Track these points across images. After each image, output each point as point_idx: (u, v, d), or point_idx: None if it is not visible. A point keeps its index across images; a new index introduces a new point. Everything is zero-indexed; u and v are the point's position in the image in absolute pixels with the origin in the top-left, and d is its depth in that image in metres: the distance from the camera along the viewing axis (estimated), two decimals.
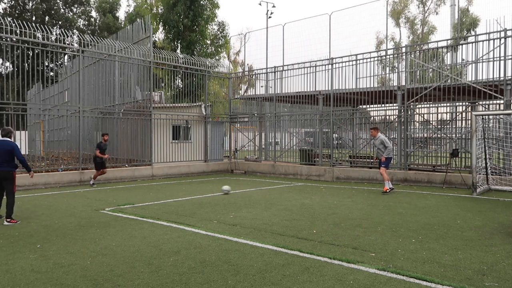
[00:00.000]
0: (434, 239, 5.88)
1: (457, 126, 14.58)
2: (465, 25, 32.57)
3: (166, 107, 17.23)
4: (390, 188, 11.07)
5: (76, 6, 50.00)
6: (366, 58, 14.85)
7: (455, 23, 29.97)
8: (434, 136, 15.06)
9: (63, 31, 14.05)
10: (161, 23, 30.95)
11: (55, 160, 16.16)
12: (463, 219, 7.36)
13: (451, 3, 32.54)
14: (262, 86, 19.52)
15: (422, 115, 14.53)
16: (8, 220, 7.24)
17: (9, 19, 13.11)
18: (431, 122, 14.51)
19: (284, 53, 22.04)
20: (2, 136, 7.55)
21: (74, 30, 45.80)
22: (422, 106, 15.23)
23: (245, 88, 37.71)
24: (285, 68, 17.55)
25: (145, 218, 7.54)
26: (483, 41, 12.41)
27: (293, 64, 17.19)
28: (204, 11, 29.59)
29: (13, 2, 44.66)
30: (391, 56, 17.94)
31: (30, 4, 46.26)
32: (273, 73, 17.81)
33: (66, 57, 26.25)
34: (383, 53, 21.36)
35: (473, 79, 12.78)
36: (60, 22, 46.65)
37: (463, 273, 4.40)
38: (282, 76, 17.42)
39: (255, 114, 19.56)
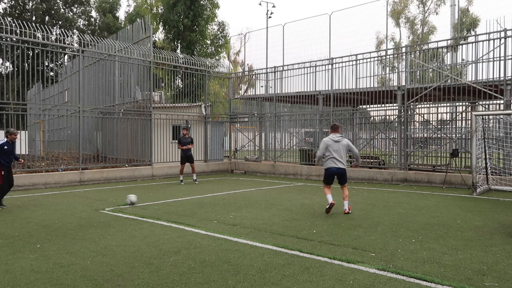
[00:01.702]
0: (434, 239, 5.88)
1: (457, 126, 14.58)
2: (465, 25, 32.57)
3: (166, 107, 17.23)
4: (330, 204, 7.73)
5: (76, 6, 50.00)
6: (366, 58, 14.85)
7: (455, 23, 29.97)
8: (434, 136, 15.06)
9: (63, 31, 14.05)
10: (161, 23, 30.94)
11: (55, 160, 16.16)
12: (463, 219, 7.36)
13: (451, 3, 32.54)
14: (262, 86, 19.52)
15: (422, 115, 14.54)
16: None
17: (9, 19, 13.11)
18: (431, 122, 14.51)
19: (284, 53, 22.04)
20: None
21: (74, 30, 45.81)
22: (422, 106, 15.24)
23: (245, 88, 37.72)
24: (285, 68, 17.55)
25: (145, 218, 7.54)
26: (483, 41, 12.41)
27: (293, 64, 17.19)
28: (204, 11, 29.58)
29: (13, 2, 44.66)
30: (391, 56, 17.94)
31: (30, 4, 46.25)
32: (273, 73, 17.81)
33: (66, 57, 26.26)
34: (383, 53, 21.36)
35: (473, 79, 12.78)
36: (60, 22, 46.66)
37: (463, 273, 4.40)
38: (282, 76, 17.42)
39: (255, 114, 19.57)
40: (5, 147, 8.72)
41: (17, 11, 44.61)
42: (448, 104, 15.07)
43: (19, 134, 9.13)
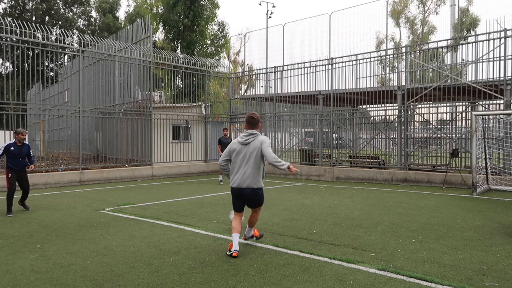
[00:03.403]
0: (434, 239, 5.88)
1: (457, 126, 14.59)
2: (465, 25, 32.58)
3: (166, 107, 17.23)
4: (232, 253, 5.02)
5: (76, 6, 49.99)
6: (366, 58, 14.85)
7: (455, 23, 29.98)
8: (434, 136, 15.06)
9: (63, 31, 14.05)
10: (161, 23, 30.94)
11: (55, 160, 16.16)
12: (463, 219, 7.36)
13: (451, 3, 32.55)
14: (262, 86, 19.53)
15: (422, 115, 14.54)
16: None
17: (9, 19, 13.11)
18: (431, 122, 14.51)
19: (284, 53, 22.05)
20: None
21: (74, 30, 45.80)
22: (422, 106, 15.23)
23: (245, 88, 37.70)
24: (285, 68, 17.55)
25: (145, 218, 7.54)
26: (483, 41, 12.42)
27: (293, 64, 17.19)
28: (204, 11, 29.58)
29: (13, 2, 44.65)
30: (391, 56, 17.94)
31: (30, 4, 46.24)
32: (273, 73, 17.81)
33: (66, 57, 26.26)
34: (383, 53, 21.36)
35: (473, 79, 12.78)
36: (60, 22, 46.64)
37: (463, 273, 4.40)
38: (282, 76, 17.42)
39: None
40: (12, 148, 8.02)
41: (17, 11, 44.60)
42: (448, 104, 15.06)
43: (27, 134, 8.60)
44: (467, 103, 14.99)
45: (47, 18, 46.46)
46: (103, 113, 16.35)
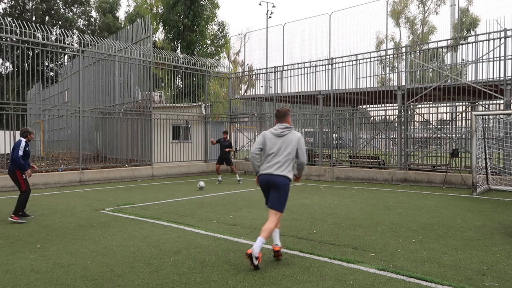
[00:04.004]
0: (434, 239, 5.88)
1: (457, 126, 14.59)
2: (465, 25, 32.58)
3: (166, 107, 17.24)
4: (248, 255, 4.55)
5: (76, 6, 49.98)
6: (366, 58, 14.86)
7: (455, 23, 29.98)
8: (434, 136, 15.05)
9: (63, 31, 14.05)
10: (161, 23, 30.94)
11: (55, 160, 16.16)
12: (463, 219, 7.36)
13: (451, 3, 32.54)
14: (262, 86, 19.53)
15: (422, 115, 14.54)
16: (11, 216, 7.30)
17: (9, 19, 13.11)
18: (431, 122, 14.51)
19: (284, 53, 22.02)
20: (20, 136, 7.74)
21: (74, 30, 45.80)
22: (422, 106, 15.24)
23: (245, 88, 37.70)
24: (285, 68, 17.55)
25: (145, 218, 7.54)
26: (483, 41, 12.42)
27: (293, 64, 17.19)
28: (204, 11, 29.58)
29: (13, 2, 44.65)
30: (391, 56, 17.94)
31: (30, 4, 46.24)
32: (273, 73, 17.81)
33: (66, 57, 26.26)
34: (383, 53, 21.36)
35: (473, 79, 12.78)
36: (60, 22, 46.64)
37: (463, 273, 4.40)
38: (282, 76, 17.43)
39: (255, 114, 19.57)
40: (27, 148, 7.61)
41: (17, 11, 44.59)
42: (448, 104, 15.07)
43: (18, 134, 8.47)
44: (467, 103, 14.99)
45: (47, 18, 46.45)
46: (103, 113, 16.36)
